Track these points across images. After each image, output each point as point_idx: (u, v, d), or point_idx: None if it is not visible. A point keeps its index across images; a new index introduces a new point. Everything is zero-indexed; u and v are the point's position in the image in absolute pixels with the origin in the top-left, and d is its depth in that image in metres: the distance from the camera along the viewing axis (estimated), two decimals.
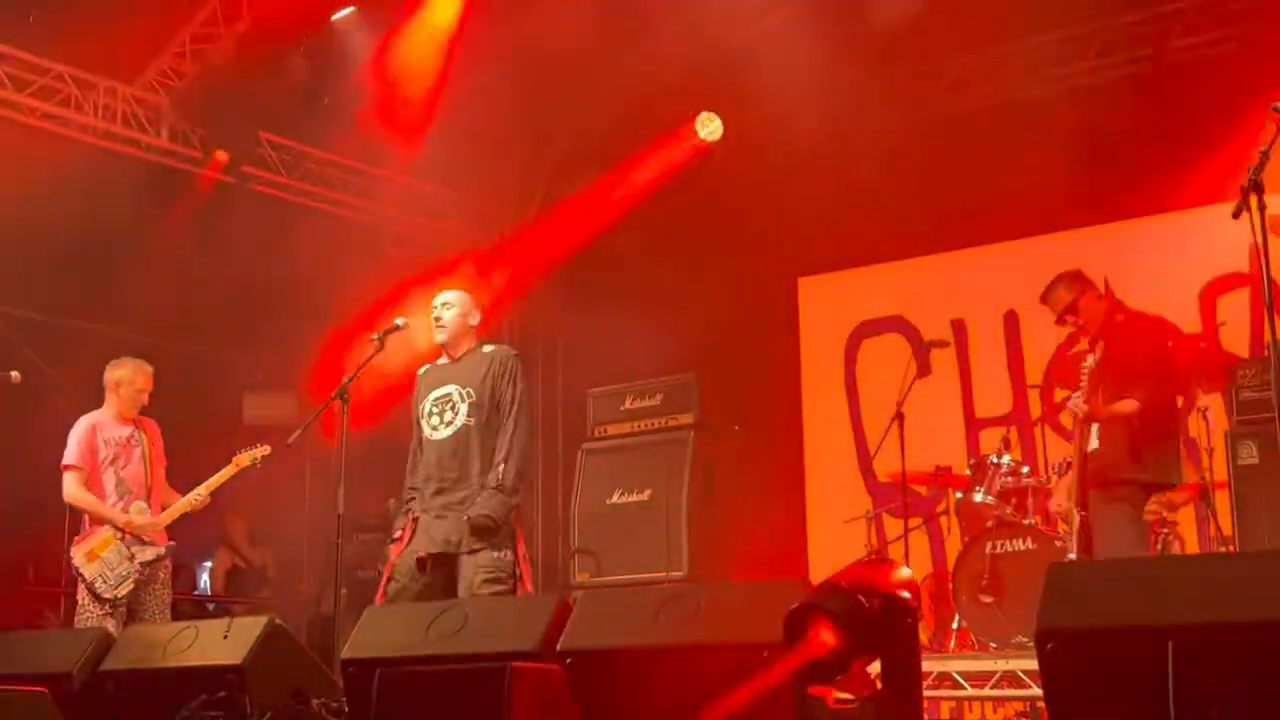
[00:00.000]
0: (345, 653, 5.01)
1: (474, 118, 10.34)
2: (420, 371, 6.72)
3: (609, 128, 11.67)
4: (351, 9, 9.93)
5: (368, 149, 11.01)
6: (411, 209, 12.01)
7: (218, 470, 7.79)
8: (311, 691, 5.30)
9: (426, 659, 4.76)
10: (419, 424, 6.56)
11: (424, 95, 10.08)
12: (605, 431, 10.46)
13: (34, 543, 8.13)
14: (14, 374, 7.41)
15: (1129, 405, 6.85)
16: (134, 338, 10.07)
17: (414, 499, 6.49)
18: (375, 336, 6.54)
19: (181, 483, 7.87)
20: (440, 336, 6.55)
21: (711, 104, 11.05)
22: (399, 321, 6.57)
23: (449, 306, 6.58)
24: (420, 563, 6.24)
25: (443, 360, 6.65)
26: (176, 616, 7.87)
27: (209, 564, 12.92)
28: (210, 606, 11.88)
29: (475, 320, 6.64)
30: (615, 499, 10.08)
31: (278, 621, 5.38)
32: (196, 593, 12.61)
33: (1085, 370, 6.92)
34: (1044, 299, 7.42)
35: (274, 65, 9.82)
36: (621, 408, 10.41)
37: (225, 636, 5.33)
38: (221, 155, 10.39)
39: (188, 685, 5.22)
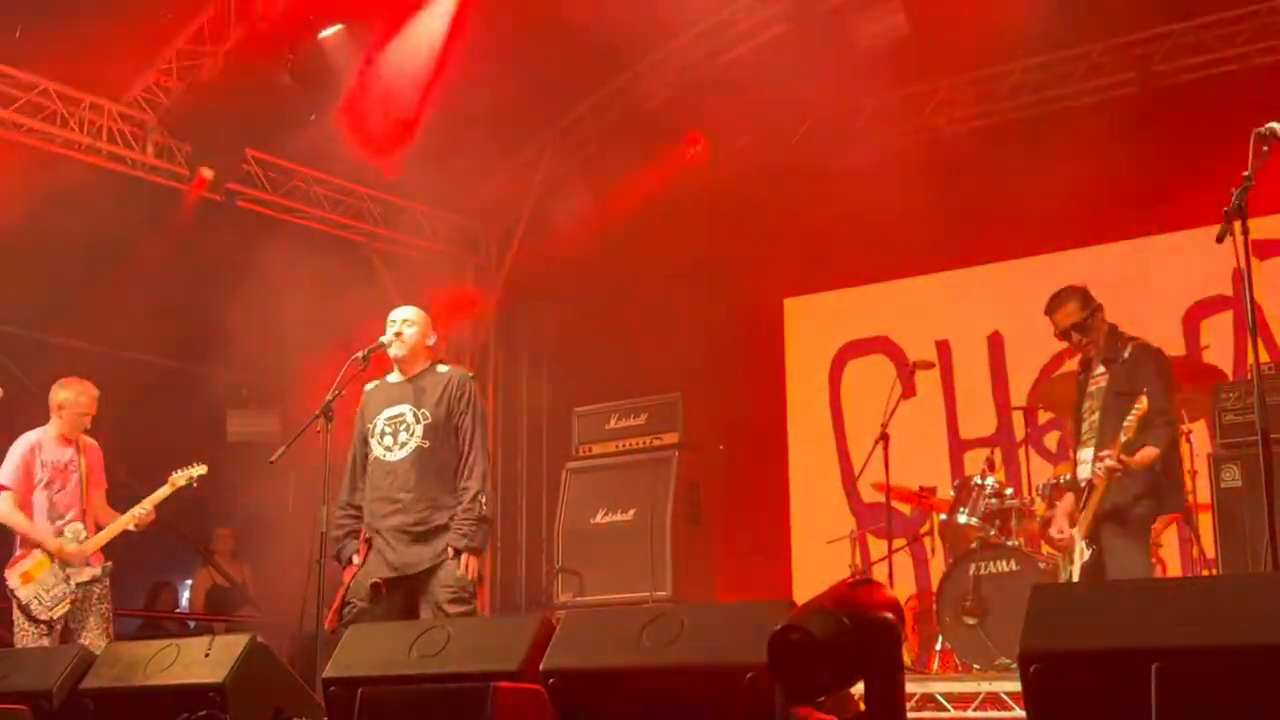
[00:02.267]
0: (327, 672, 4.99)
1: (462, 137, 10.36)
2: (368, 388, 6.58)
3: (596, 148, 11.70)
4: (339, 27, 9.93)
5: (354, 167, 11.02)
6: (398, 227, 12.01)
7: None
8: (293, 711, 5.27)
9: (408, 678, 4.74)
10: (366, 442, 6.44)
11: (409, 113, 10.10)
12: (590, 451, 10.44)
13: (8, 559, 8.08)
14: None
15: (1150, 454, 6.64)
16: (119, 354, 10.05)
17: (354, 518, 6.40)
18: (360, 355, 6.48)
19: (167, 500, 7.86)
20: (399, 351, 6.44)
21: (698, 125, 11.09)
22: (385, 340, 6.50)
23: (410, 323, 6.45)
24: (375, 588, 6.18)
25: (393, 377, 6.52)
26: (160, 634, 7.85)
27: (190, 582, 12.88)
28: (191, 624, 11.83)
29: (432, 340, 6.55)
30: (599, 518, 10.07)
31: (259, 640, 5.35)
32: (178, 611, 12.56)
33: (1129, 422, 6.54)
34: (1050, 311, 7.07)
35: (261, 83, 9.82)
36: (606, 427, 10.39)
37: (207, 655, 5.30)
38: (206, 173, 10.37)
39: (169, 704, 5.18)
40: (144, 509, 7.70)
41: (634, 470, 10.09)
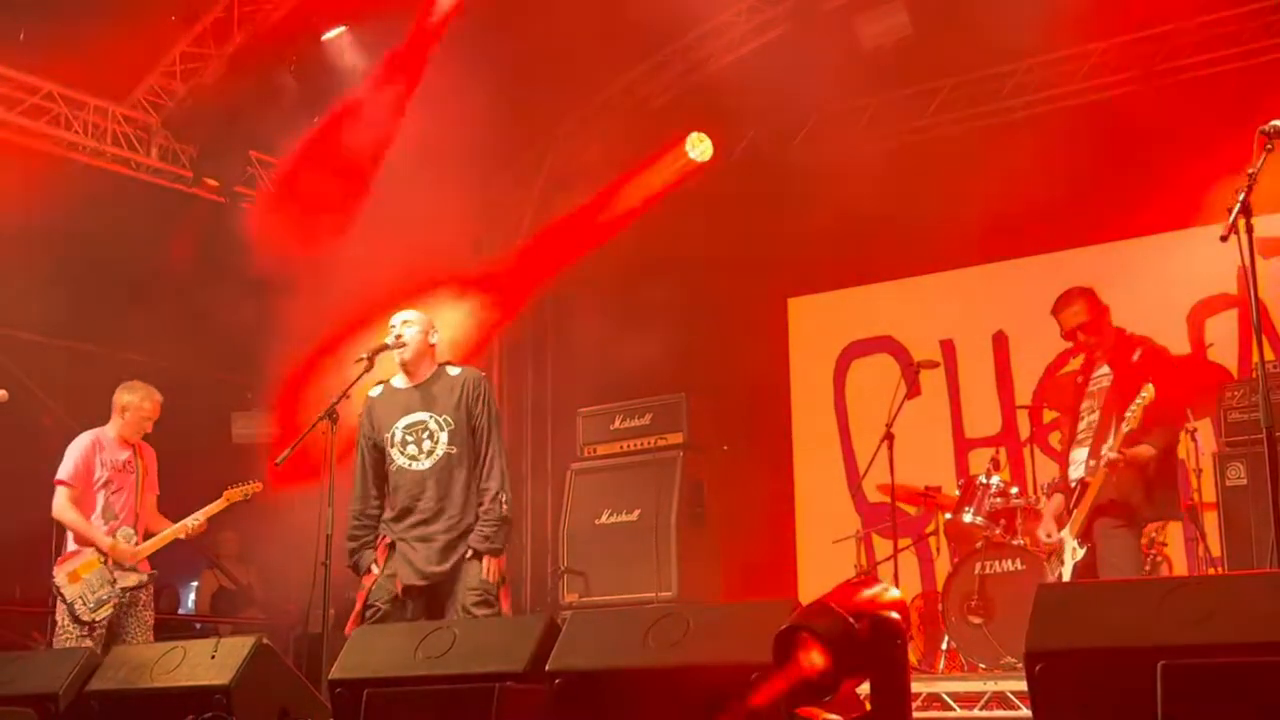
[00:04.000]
0: (333, 673, 4.99)
1: (464, 139, 10.36)
2: (372, 394, 6.52)
3: (600, 149, 11.70)
4: (342, 28, 9.94)
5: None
6: (400, 230, 11.99)
7: (209, 496, 7.83)
8: (299, 713, 5.27)
9: (414, 679, 4.75)
10: (377, 449, 6.41)
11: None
12: (594, 451, 10.45)
13: (20, 563, 8.11)
14: (1, 393, 7.38)
15: (1146, 451, 6.67)
16: (122, 357, 10.06)
17: (369, 528, 6.39)
18: (363, 356, 6.46)
19: (167, 502, 7.86)
20: (404, 355, 6.40)
21: (702, 125, 11.09)
22: (388, 340, 6.48)
23: (409, 324, 6.43)
24: (406, 591, 6.19)
25: (399, 382, 6.48)
26: (164, 637, 7.86)
27: (195, 584, 12.88)
28: (197, 627, 11.84)
29: (435, 339, 6.50)
30: (604, 519, 10.06)
31: (265, 642, 5.36)
32: (183, 612, 12.57)
33: (1134, 411, 6.52)
34: (1057, 311, 7.08)
35: (264, 85, 9.82)
36: (611, 428, 10.40)
37: (213, 657, 5.30)
38: (211, 183, 10.38)
39: (175, 706, 5.19)
40: (196, 520, 7.72)
41: (639, 471, 10.10)
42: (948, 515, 9.00)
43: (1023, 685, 5.03)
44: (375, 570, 6.27)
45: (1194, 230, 9.16)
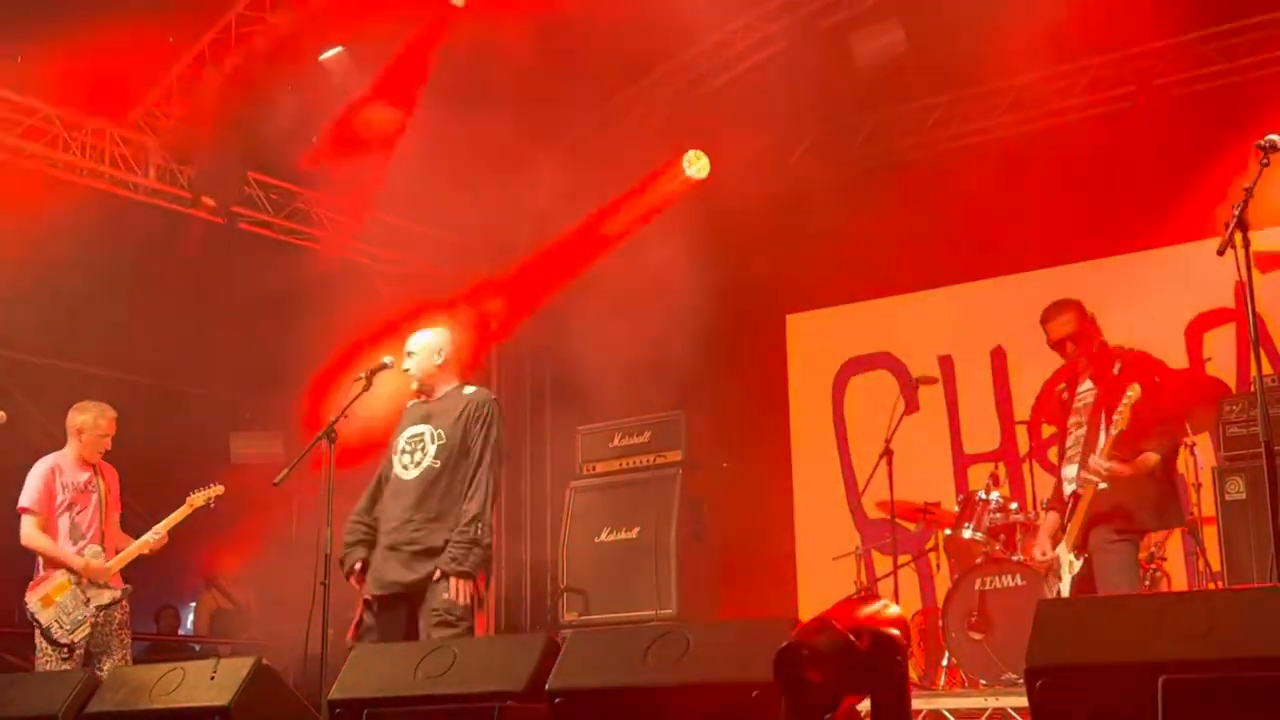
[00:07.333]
0: (332, 693, 4.98)
1: (462, 158, 10.38)
2: (408, 405, 6.60)
3: (598, 166, 11.72)
4: (340, 48, 9.96)
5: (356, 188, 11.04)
6: (400, 247, 12.02)
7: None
8: None
9: (414, 699, 4.73)
10: (390, 459, 6.46)
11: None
12: (594, 469, 10.44)
13: (19, 584, 8.10)
14: (0, 414, 7.40)
15: (1151, 459, 6.59)
16: (122, 378, 10.06)
17: (365, 528, 6.38)
18: (362, 375, 6.47)
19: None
20: (414, 382, 6.44)
21: (700, 142, 11.11)
22: (386, 360, 6.49)
23: (411, 355, 6.46)
24: (367, 604, 6.19)
25: (423, 398, 6.55)
26: (163, 658, 7.86)
27: (194, 605, 12.87)
28: (196, 648, 11.82)
29: (440, 359, 6.47)
30: (604, 537, 10.05)
31: (265, 662, 5.35)
32: (182, 633, 12.55)
33: (1121, 412, 6.54)
34: (1046, 321, 7.04)
35: (262, 105, 9.84)
36: (610, 445, 10.39)
37: (212, 678, 5.29)
38: (209, 201, 10.37)
39: None
40: (157, 534, 7.72)
41: (638, 488, 10.09)
42: (947, 531, 8.99)
43: (1024, 701, 5.02)
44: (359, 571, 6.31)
45: (1192, 245, 9.18)
